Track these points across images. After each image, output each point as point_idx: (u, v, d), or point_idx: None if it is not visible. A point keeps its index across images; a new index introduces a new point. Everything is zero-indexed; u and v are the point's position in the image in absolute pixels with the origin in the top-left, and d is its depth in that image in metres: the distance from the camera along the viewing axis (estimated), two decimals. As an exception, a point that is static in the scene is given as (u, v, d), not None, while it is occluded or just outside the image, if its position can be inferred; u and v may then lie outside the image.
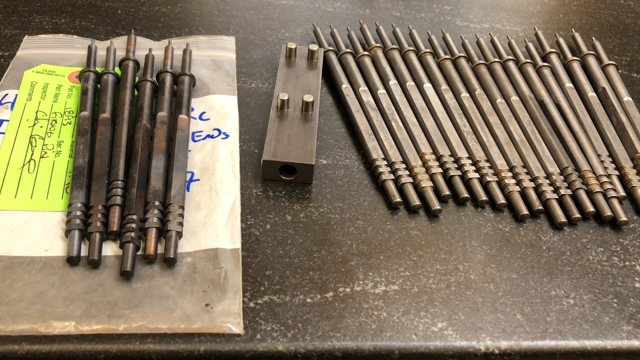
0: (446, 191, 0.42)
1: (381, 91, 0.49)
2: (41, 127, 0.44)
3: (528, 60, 0.53)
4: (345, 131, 0.47)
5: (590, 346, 0.35)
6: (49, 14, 0.56)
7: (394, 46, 0.53)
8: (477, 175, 0.44)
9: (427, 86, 0.50)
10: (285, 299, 0.36)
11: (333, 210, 0.41)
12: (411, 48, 0.53)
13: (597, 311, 0.37)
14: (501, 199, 0.42)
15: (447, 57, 0.52)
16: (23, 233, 0.37)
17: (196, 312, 0.34)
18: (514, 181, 0.43)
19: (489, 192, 0.43)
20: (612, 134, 0.48)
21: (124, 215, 0.37)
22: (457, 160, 0.44)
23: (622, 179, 0.45)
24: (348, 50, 0.52)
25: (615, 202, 0.43)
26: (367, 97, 0.48)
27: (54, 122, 0.44)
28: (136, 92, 0.46)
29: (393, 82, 0.50)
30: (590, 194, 0.43)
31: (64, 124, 0.44)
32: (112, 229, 0.37)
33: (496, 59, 0.53)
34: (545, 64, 0.53)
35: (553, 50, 0.55)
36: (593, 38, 0.58)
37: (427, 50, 0.53)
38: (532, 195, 0.43)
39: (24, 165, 0.41)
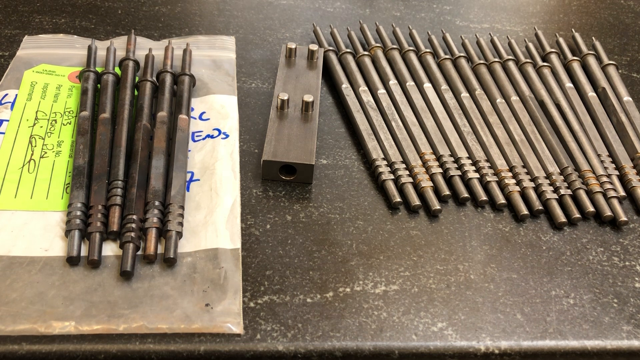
0: (446, 191, 0.42)
1: (381, 91, 0.49)
2: (41, 127, 0.44)
3: (528, 60, 0.53)
4: (345, 131, 0.47)
5: (590, 346, 0.35)
6: (49, 14, 0.56)
7: (394, 46, 0.53)
8: (477, 175, 0.44)
9: (427, 86, 0.50)
10: (285, 299, 0.36)
11: (333, 210, 0.41)
12: (411, 48, 0.53)
13: (597, 311, 0.37)
14: (501, 199, 0.42)
15: (447, 57, 0.52)
16: (23, 233, 0.37)
17: (196, 312, 0.34)
18: (514, 181, 0.43)
19: (489, 192, 0.43)
20: (612, 134, 0.48)
21: (124, 215, 0.37)
22: (457, 160, 0.44)
23: (622, 179, 0.45)
24: (348, 50, 0.52)
25: (615, 202, 0.43)
26: (367, 97, 0.48)
27: (54, 122, 0.44)
28: (136, 92, 0.46)
29: (393, 82, 0.50)
30: (590, 194, 0.43)
31: (64, 124, 0.44)
32: (112, 229, 0.37)
33: (496, 59, 0.53)
34: (545, 64, 0.53)
35: (553, 50, 0.55)
36: (593, 38, 0.58)
37: (427, 50, 0.53)
38: (532, 195, 0.43)
39: (24, 165, 0.41)
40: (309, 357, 0.33)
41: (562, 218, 0.42)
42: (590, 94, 0.51)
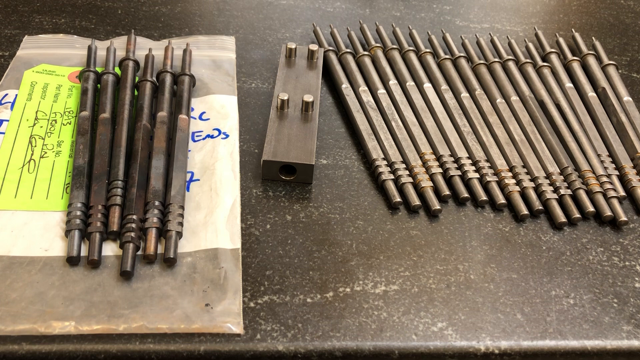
0: (446, 191, 0.42)
1: (381, 91, 0.49)
2: (41, 127, 0.44)
3: (528, 60, 0.53)
4: (345, 131, 0.47)
5: (590, 346, 0.35)
6: (49, 14, 0.56)
7: (394, 46, 0.53)
8: (477, 175, 0.44)
9: (427, 86, 0.50)
10: (285, 299, 0.36)
11: (333, 210, 0.41)
12: (411, 48, 0.53)
13: (597, 311, 0.37)
14: (501, 199, 0.42)
15: (447, 57, 0.52)
16: (23, 233, 0.37)
17: (196, 312, 0.34)
18: (514, 181, 0.43)
19: (489, 192, 0.43)
20: (612, 134, 0.48)
21: (124, 215, 0.37)
22: (457, 160, 0.44)
23: (622, 179, 0.45)
24: (348, 50, 0.52)
25: (615, 202, 0.43)
26: (367, 97, 0.48)
27: (54, 122, 0.44)
28: (136, 92, 0.46)
29: (393, 82, 0.50)
30: (590, 194, 0.43)
31: (64, 124, 0.44)
32: (112, 229, 0.37)
33: (496, 59, 0.53)
34: (545, 64, 0.53)
35: (553, 50, 0.55)
36: (593, 38, 0.58)
37: (427, 50, 0.53)
38: (532, 195, 0.43)
39: (24, 165, 0.41)
40: (309, 357, 0.33)
41: (562, 218, 0.42)
42: (590, 94, 0.51)
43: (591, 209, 0.42)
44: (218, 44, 0.54)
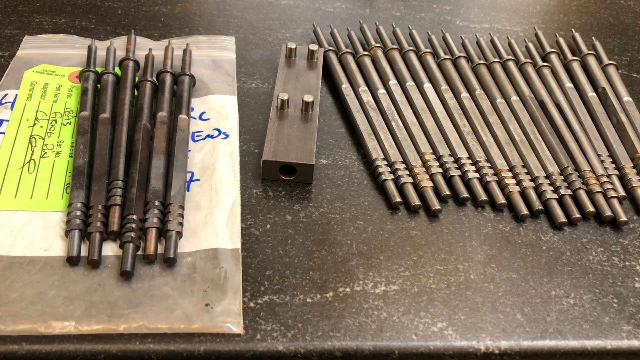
0: (446, 191, 0.42)
1: (381, 91, 0.49)
2: (41, 127, 0.44)
3: (528, 60, 0.53)
4: (345, 131, 0.47)
5: (590, 346, 0.35)
6: (49, 14, 0.56)
7: (394, 46, 0.53)
8: (477, 175, 0.44)
9: (427, 86, 0.50)
10: (285, 299, 0.36)
11: (333, 210, 0.41)
12: (411, 48, 0.53)
13: (597, 311, 0.37)
14: (501, 199, 0.42)
15: (447, 57, 0.52)
16: (23, 233, 0.37)
17: (196, 312, 0.34)
18: (514, 181, 0.43)
19: (489, 192, 0.43)
20: (612, 134, 0.48)
21: (124, 215, 0.37)
22: (457, 160, 0.44)
23: (622, 179, 0.45)
24: (348, 50, 0.52)
25: (615, 202, 0.43)
26: (367, 97, 0.48)
27: (54, 122, 0.44)
28: (136, 92, 0.46)
29: (393, 82, 0.50)
30: (590, 194, 0.43)
31: (64, 124, 0.44)
32: (112, 229, 0.37)
33: (496, 59, 0.53)
34: (545, 64, 0.53)
35: (553, 50, 0.55)
36: (593, 38, 0.58)
37: (427, 50, 0.53)
38: (532, 195, 0.43)
39: (24, 165, 0.41)
40: (309, 357, 0.33)
41: (562, 218, 0.42)
42: (590, 94, 0.51)
43: (591, 209, 0.42)
44: (218, 44, 0.54)
